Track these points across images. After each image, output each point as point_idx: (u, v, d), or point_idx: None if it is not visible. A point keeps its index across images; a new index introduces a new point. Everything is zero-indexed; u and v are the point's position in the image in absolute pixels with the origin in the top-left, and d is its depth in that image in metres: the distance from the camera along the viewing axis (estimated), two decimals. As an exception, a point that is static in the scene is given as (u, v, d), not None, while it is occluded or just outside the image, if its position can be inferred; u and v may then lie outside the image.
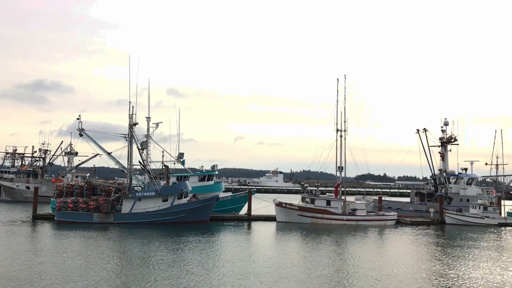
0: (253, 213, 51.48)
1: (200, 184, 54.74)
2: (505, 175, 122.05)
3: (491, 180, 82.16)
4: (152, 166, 49.03)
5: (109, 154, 50.50)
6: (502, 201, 58.93)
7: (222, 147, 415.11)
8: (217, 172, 60.58)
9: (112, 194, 46.38)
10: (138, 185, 56.30)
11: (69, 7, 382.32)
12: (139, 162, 47.47)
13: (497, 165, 60.06)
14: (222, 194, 58.96)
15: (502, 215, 55.49)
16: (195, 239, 34.62)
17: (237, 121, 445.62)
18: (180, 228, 41.08)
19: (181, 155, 52.84)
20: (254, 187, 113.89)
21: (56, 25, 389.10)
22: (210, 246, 31.76)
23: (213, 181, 57.53)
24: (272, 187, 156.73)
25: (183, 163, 53.80)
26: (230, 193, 65.09)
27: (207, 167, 59.66)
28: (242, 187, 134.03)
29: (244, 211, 53.84)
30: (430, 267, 25.87)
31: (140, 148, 46.96)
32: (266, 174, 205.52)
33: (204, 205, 46.93)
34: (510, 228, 50.31)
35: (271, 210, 51.92)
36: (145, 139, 47.42)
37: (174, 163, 53.05)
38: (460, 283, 21.71)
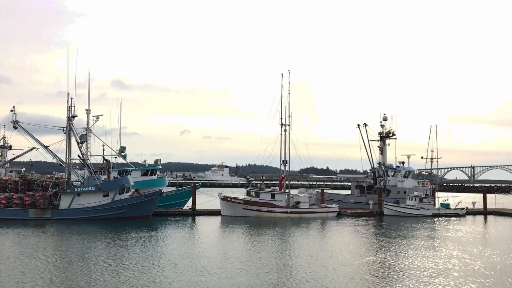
0: (198, 207, 51.14)
1: (142, 179, 53.62)
2: (439, 168, 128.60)
3: (426, 173, 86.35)
4: (92, 160, 47.51)
5: (46, 147, 48.40)
6: (436, 193, 62.10)
7: (168, 141, 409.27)
8: (160, 167, 59.61)
9: (49, 190, 44.43)
10: (77, 180, 54.36)
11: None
12: (78, 156, 45.78)
13: (431, 158, 63.18)
14: (165, 189, 58.13)
15: (436, 206, 58.49)
16: (137, 235, 33.87)
17: (184, 115, 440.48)
18: (121, 224, 40.04)
19: (122, 149, 51.44)
20: (199, 181, 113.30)
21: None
22: (153, 241, 31.14)
23: (156, 175, 56.56)
24: (217, 181, 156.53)
25: (124, 157, 52.42)
26: (174, 188, 64.24)
27: (151, 161, 58.56)
28: (186, 181, 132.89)
29: (188, 205, 53.36)
30: (369, 256, 26.77)
31: (79, 141, 45.27)
32: (212, 168, 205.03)
33: (146, 200, 46.02)
34: (443, 218, 53.12)
35: (216, 205, 51.77)
36: (84, 132, 45.78)
37: (116, 157, 51.61)
38: (397, 270, 22.61)
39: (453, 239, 35.10)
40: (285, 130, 52.70)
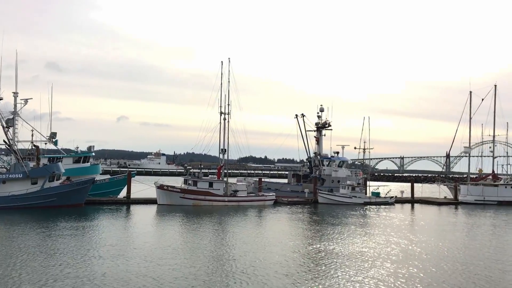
0: (133, 196, 50.01)
1: (74, 166, 51.62)
2: (371, 159, 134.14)
3: (359, 163, 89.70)
4: (20, 146, 44.93)
5: (-33, 132, 45.09)
6: (368, 182, 64.78)
7: (103, 127, 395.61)
8: (93, 154, 57.58)
9: (-30, 177, 41.54)
10: (2, 166, 51.28)
11: None
12: (4, 141, 43.10)
13: (364, 149, 65.74)
14: (99, 177, 56.30)
15: (367, 194, 61.05)
16: (67, 224, 32.54)
17: (122, 100, 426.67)
18: (51, 213, 38.31)
19: (53, 134, 49.07)
20: (134, 169, 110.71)
21: None
22: (85, 231, 30.04)
23: (89, 163, 54.59)
24: (154, 170, 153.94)
25: (55, 143, 50.08)
26: (108, 176, 62.31)
27: (84, 148, 56.42)
28: (121, 169, 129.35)
29: (123, 194, 52.05)
30: (305, 243, 27.44)
31: (5, 126, 42.62)
32: (148, 156, 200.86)
33: (78, 188, 44.29)
34: (374, 206, 55.54)
35: (152, 193, 50.85)
36: (11, 116, 43.15)
37: (46, 143, 49.19)
38: (332, 255, 23.34)
39: (383, 226, 36.80)
40: (224, 119, 52.61)
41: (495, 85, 69.00)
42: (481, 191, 63.50)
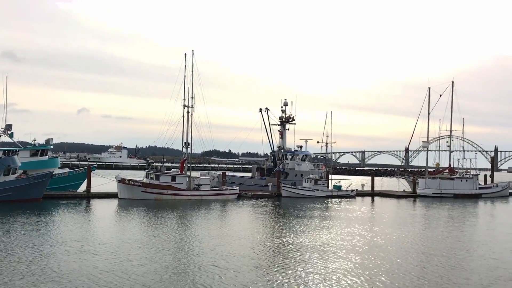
0: (93, 190, 48.87)
1: (31, 160, 49.85)
2: (333, 153, 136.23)
3: (321, 157, 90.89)
4: (-28, 138, 42.99)
5: None
6: (330, 176, 65.74)
7: (63, 119, 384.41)
8: (52, 147, 55.80)
9: None
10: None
11: None
12: (-45, 134, 41.16)
13: (326, 143, 66.73)
14: (58, 171, 54.67)
15: (329, 188, 61.98)
16: (26, 220, 31.42)
17: (82, 92, 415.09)
18: (7, 208, 36.88)
19: (8, 126, 47.23)
20: (95, 163, 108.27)
21: None
22: (45, 226, 29.06)
23: (47, 156, 52.87)
24: (115, 163, 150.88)
25: (11, 135, 48.20)
26: (67, 169, 60.55)
27: (41, 141, 54.57)
28: (81, 163, 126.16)
29: (83, 188, 50.77)
30: (270, 235, 27.56)
31: (-44, 117, 40.68)
32: (109, 150, 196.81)
33: (35, 182, 42.84)
34: (336, 199, 56.47)
35: (113, 187, 49.84)
36: (-38, 108, 41.25)
37: (0, 136, 47.23)
38: (296, 247, 23.53)
39: (346, 218, 37.44)
40: (188, 112, 52.04)
41: (453, 82, 71.32)
42: (438, 184, 65.63)
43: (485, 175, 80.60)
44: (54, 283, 16.27)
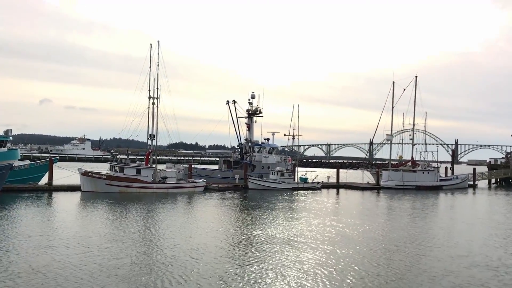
0: (55, 183, 47.52)
1: (-11, 151, 47.90)
2: (300, 145, 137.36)
3: (288, 149, 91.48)
4: None
5: None
6: (296, 168, 66.29)
7: (23, 110, 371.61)
8: (11, 138, 53.85)
9: None
10: None
11: None
12: None
13: (293, 136, 67.18)
14: (18, 163, 52.86)
15: (296, 180, 62.49)
16: (-18, 214, 30.18)
17: (44, 82, 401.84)
18: (-38, 202, 35.38)
19: (-37, 117, 45.17)
20: (57, 155, 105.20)
21: None
22: (6, 221, 27.89)
23: (6, 148, 50.99)
24: (78, 155, 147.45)
25: (-34, 126, 46.12)
26: (28, 161, 58.60)
27: (0, 132, 52.53)
28: (43, 155, 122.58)
29: (44, 181, 49.28)
30: (239, 228, 27.48)
31: None
32: (72, 142, 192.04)
33: (-6, 175, 41.27)
34: (302, 191, 56.99)
35: (76, 180, 48.60)
36: None
37: (-45, 127, 45.16)
38: (262, 239, 23.54)
39: (313, 210, 37.79)
40: (153, 103, 51.18)
41: (416, 76, 73.03)
42: (401, 176, 67.24)
43: (446, 168, 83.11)
44: (22, 279, 15.66)
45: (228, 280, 16.24)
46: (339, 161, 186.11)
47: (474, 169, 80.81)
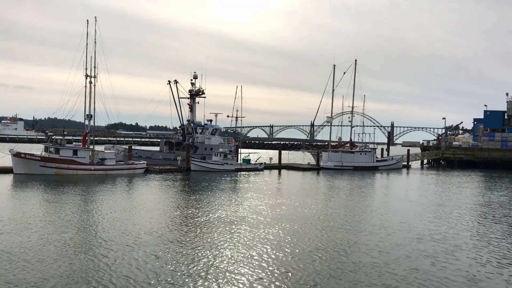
0: (-16, 165, 44.80)
1: None
2: (243, 127, 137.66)
3: (231, 131, 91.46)
4: None
5: None
6: (239, 149, 66.47)
7: None
8: None
9: None
10: None
11: None
12: None
13: (236, 117, 67.10)
14: None
15: (239, 161, 62.72)
16: None
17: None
18: None
19: None
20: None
21: None
22: None
23: None
24: (9, 136, 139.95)
25: None
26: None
27: None
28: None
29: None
30: (179, 209, 27.20)
31: None
32: (3, 121, 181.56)
33: None
34: (245, 172, 57.33)
35: (7, 162, 46.05)
36: None
37: None
38: (203, 219, 23.44)
39: (254, 191, 38.08)
40: (90, 82, 49.13)
41: (356, 60, 74.90)
42: (340, 157, 69.30)
43: (382, 149, 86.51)
44: None
45: (171, 263, 16.04)
46: (282, 142, 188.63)
47: (408, 150, 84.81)
